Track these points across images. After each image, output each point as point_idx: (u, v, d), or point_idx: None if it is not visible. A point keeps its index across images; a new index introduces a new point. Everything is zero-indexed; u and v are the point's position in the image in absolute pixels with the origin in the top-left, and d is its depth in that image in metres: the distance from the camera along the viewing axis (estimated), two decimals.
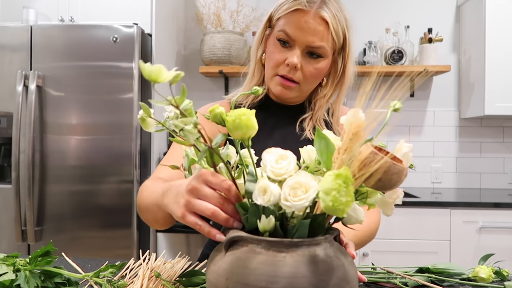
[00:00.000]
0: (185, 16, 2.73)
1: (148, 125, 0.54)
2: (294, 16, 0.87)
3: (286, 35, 0.88)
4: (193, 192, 0.52)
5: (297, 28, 0.86)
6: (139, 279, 0.73)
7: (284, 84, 0.90)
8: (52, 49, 1.96)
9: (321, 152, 0.50)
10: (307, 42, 0.87)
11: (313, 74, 0.90)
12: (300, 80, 0.90)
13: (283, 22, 0.89)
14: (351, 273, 0.49)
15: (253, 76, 0.99)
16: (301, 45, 0.87)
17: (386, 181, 0.46)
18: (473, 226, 2.01)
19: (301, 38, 0.86)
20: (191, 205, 0.52)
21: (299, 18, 0.86)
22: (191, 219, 0.52)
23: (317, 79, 0.93)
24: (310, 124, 0.98)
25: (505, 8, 2.24)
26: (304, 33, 0.86)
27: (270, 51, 0.92)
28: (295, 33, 0.86)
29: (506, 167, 2.56)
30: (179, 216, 0.54)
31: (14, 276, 0.65)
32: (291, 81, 0.90)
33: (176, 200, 0.55)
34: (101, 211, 1.93)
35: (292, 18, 0.87)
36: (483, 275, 0.75)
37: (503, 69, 2.24)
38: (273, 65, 0.91)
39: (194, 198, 0.52)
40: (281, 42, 0.89)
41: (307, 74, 0.90)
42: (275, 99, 1.00)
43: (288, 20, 0.88)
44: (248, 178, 0.51)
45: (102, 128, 1.94)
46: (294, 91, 0.92)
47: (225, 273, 0.47)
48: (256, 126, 0.48)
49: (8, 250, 1.82)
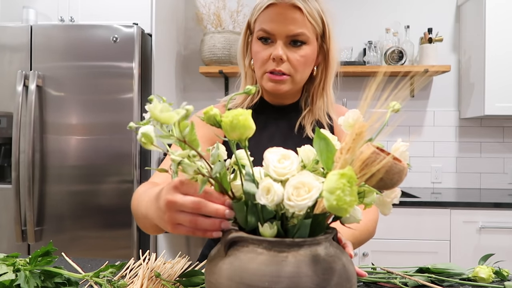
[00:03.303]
0: (185, 16, 2.73)
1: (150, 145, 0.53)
2: (268, 12, 0.89)
3: (264, 32, 0.89)
4: (171, 207, 0.51)
5: (273, 22, 0.88)
6: (139, 279, 0.73)
7: (275, 79, 0.90)
8: (52, 49, 1.96)
9: (321, 152, 0.50)
10: (286, 32, 0.88)
11: (301, 62, 0.90)
12: (289, 71, 0.90)
13: (259, 21, 0.91)
14: (351, 271, 0.49)
15: (245, 82, 1.00)
16: (281, 36, 0.88)
17: (387, 180, 0.46)
18: (473, 226, 2.01)
19: (279, 30, 0.88)
20: (174, 220, 0.51)
21: (273, 12, 0.88)
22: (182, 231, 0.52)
23: (306, 67, 0.93)
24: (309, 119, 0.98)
25: (505, 8, 2.24)
26: (281, 24, 0.87)
27: (254, 52, 0.93)
28: (273, 27, 0.88)
29: (506, 167, 2.56)
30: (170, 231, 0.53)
31: (14, 276, 0.65)
32: (281, 74, 0.90)
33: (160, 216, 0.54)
34: (101, 211, 1.93)
35: (267, 14, 0.89)
36: (483, 275, 0.75)
37: (503, 69, 2.24)
38: (260, 63, 0.92)
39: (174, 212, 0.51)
40: (263, 40, 0.91)
41: (295, 63, 0.90)
42: (270, 100, 1.00)
43: (263, 17, 0.90)
44: (246, 179, 0.50)
45: (102, 128, 1.94)
46: (286, 84, 0.92)
47: (226, 274, 0.47)
48: (254, 126, 0.48)
49: (8, 250, 1.82)
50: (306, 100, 1.01)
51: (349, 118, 0.53)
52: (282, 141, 0.97)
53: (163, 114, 0.45)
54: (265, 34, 0.90)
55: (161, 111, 0.45)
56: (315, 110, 0.98)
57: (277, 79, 0.90)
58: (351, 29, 2.64)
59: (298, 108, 1.00)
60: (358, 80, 2.60)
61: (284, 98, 0.99)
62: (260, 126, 0.92)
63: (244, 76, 1.00)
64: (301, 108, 1.00)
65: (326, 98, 0.98)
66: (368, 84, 0.47)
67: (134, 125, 0.54)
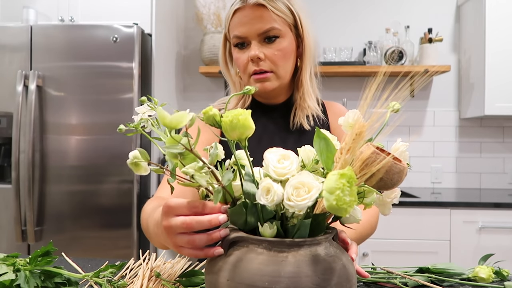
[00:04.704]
0: (185, 16, 2.73)
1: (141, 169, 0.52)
2: (236, 18, 0.92)
3: (237, 37, 0.92)
4: (169, 232, 0.51)
5: (242, 25, 0.90)
6: (139, 279, 0.73)
7: (260, 78, 0.92)
8: (52, 49, 1.96)
9: (321, 151, 0.50)
10: (256, 30, 0.90)
11: (279, 56, 0.91)
12: (270, 67, 0.92)
13: (232, 28, 0.93)
14: (351, 271, 0.49)
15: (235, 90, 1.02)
16: (253, 36, 0.90)
17: (387, 180, 0.46)
18: (473, 226, 2.01)
19: (250, 31, 0.90)
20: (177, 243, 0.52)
21: (240, 17, 0.91)
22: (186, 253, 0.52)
23: (287, 59, 0.93)
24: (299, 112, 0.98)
25: (505, 8, 2.24)
26: (250, 25, 0.90)
27: (235, 60, 0.95)
28: (243, 30, 0.90)
29: (506, 167, 2.56)
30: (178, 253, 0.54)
31: (14, 276, 0.65)
32: (264, 72, 0.92)
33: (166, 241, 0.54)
34: (101, 211, 1.93)
35: (235, 20, 0.92)
36: (483, 275, 0.75)
37: (503, 69, 2.24)
38: (243, 68, 0.93)
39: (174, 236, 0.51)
40: (239, 45, 0.93)
41: (274, 58, 0.91)
42: (263, 100, 1.01)
43: (233, 24, 0.92)
44: (245, 179, 0.50)
45: (102, 128, 1.94)
46: (272, 80, 0.93)
47: (226, 274, 0.47)
48: (253, 126, 0.48)
49: (8, 250, 1.82)
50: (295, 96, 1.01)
51: (349, 118, 0.53)
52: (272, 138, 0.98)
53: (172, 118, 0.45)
54: (239, 40, 0.92)
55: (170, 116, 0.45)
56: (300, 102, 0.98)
57: (261, 78, 0.92)
58: (351, 29, 2.64)
59: (290, 104, 1.01)
60: (358, 80, 2.60)
61: (275, 97, 1.00)
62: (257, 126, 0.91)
63: (233, 85, 1.02)
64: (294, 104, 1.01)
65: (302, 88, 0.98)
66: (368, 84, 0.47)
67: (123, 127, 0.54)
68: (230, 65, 1.02)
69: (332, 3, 2.67)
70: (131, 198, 1.93)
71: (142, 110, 0.55)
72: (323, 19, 2.67)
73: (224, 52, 1.01)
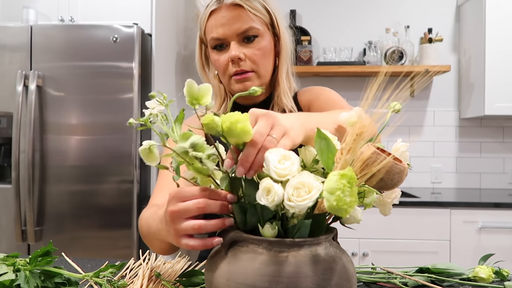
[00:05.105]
0: (185, 16, 2.72)
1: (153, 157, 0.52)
2: (212, 19, 0.90)
3: (215, 39, 0.90)
4: (175, 217, 0.52)
5: (220, 26, 0.89)
6: (139, 279, 0.73)
7: (241, 78, 0.91)
8: (52, 49, 1.96)
9: (322, 151, 0.50)
10: (235, 31, 0.88)
11: (259, 55, 0.91)
12: (251, 67, 0.91)
13: (208, 31, 0.92)
14: (351, 271, 0.49)
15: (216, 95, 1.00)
16: (232, 37, 0.89)
17: (388, 180, 0.46)
18: (473, 226, 2.01)
19: (228, 32, 0.88)
20: (180, 231, 0.52)
21: (217, 18, 0.89)
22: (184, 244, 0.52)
23: (266, 59, 0.93)
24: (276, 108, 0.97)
25: (505, 8, 2.24)
26: (227, 26, 0.88)
27: (214, 62, 0.94)
28: (220, 31, 0.89)
29: (506, 167, 2.56)
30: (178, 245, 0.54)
31: (14, 276, 0.65)
32: (245, 72, 0.91)
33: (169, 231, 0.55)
34: (101, 211, 1.93)
35: (211, 22, 0.90)
36: (483, 275, 0.75)
37: (503, 69, 2.24)
38: (222, 70, 0.92)
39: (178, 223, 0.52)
40: (217, 47, 0.92)
41: (254, 57, 0.90)
42: (243, 101, 1.00)
43: (209, 26, 0.91)
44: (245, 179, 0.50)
45: (102, 128, 1.94)
46: (254, 80, 0.92)
47: (226, 274, 0.47)
48: (252, 132, 0.48)
49: (8, 250, 1.81)
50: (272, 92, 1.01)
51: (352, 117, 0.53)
52: None
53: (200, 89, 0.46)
54: (217, 42, 0.91)
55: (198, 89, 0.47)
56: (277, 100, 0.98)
57: (242, 78, 0.91)
58: (351, 29, 2.64)
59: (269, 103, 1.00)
60: (358, 80, 2.60)
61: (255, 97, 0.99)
62: None
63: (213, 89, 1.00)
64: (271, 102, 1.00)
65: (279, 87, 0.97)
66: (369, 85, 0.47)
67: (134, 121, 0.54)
68: (207, 69, 1.00)
69: (332, 3, 2.67)
70: (131, 198, 1.93)
71: (152, 105, 0.55)
72: (323, 19, 2.66)
73: (201, 56, 0.99)
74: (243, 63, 0.90)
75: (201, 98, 0.47)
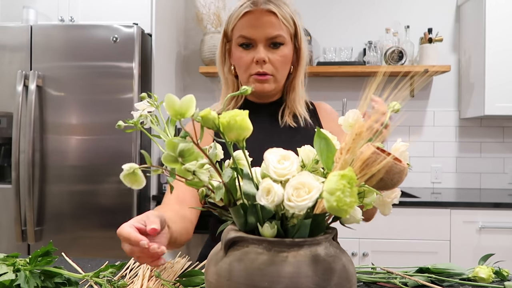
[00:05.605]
0: (185, 16, 2.72)
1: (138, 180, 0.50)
2: (245, 19, 0.96)
3: (245, 38, 0.96)
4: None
5: (252, 27, 0.95)
6: (139, 279, 0.73)
7: (261, 79, 0.97)
8: (52, 49, 1.96)
9: (321, 151, 0.50)
10: (265, 35, 0.95)
11: (281, 61, 0.98)
12: (272, 71, 0.98)
13: (238, 28, 0.97)
14: (351, 271, 0.49)
15: (228, 88, 1.06)
16: (261, 40, 0.96)
17: (388, 180, 0.46)
18: (473, 226, 2.01)
19: (259, 34, 0.95)
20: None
21: (250, 19, 0.95)
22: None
23: (286, 66, 1.00)
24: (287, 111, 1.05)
25: (505, 8, 2.24)
26: (260, 29, 0.95)
27: (237, 58, 0.99)
28: (252, 32, 0.95)
29: (506, 167, 2.56)
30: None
31: (14, 276, 0.65)
32: (265, 74, 0.97)
33: None
34: (101, 211, 1.93)
35: (245, 21, 0.96)
36: (483, 275, 0.75)
37: (503, 69, 2.24)
38: (245, 68, 0.98)
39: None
40: (243, 46, 0.98)
41: (276, 63, 0.97)
42: (255, 99, 1.06)
43: (241, 25, 0.97)
44: (244, 180, 0.50)
45: (102, 128, 1.94)
46: (271, 83, 0.99)
47: (226, 274, 0.47)
48: (251, 127, 0.48)
49: (8, 250, 1.81)
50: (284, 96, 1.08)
51: (349, 118, 0.53)
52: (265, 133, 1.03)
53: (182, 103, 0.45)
54: (245, 40, 0.96)
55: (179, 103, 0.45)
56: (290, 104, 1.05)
57: (262, 79, 0.97)
58: (351, 29, 2.64)
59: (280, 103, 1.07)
60: (358, 80, 2.60)
61: (268, 97, 1.05)
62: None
63: (225, 82, 1.06)
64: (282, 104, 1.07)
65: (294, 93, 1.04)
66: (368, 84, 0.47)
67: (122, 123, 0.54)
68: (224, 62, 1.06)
69: (332, 3, 2.67)
70: (131, 198, 1.93)
71: (142, 107, 0.54)
72: (323, 19, 2.66)
73: (222, 49, 1.04)
74: (265, 66, 0.96)
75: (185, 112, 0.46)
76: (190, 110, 0.45)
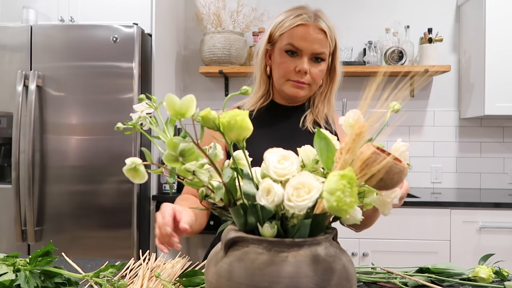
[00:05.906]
0: (185, 16, 2.72)
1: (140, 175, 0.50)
2: (298, 30, 1.02)
3: (293, 46, 1.02)
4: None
5: (303, 40, 1.02)
6: (139, 279, 0.73)
7: (298, 86, 1.05)
8: (52, 49, 1.96)
9: (321, 151, 0.50)
10: (312, 50, 1.02)
11: (319, 75, 1.06)
12: (309, 81, 1.06)
13: (288, 36, 1.03)
14: (351, 271, 0.49)
15: (260, 86, 1.13)
16: (307, 53, 1.03)
17: (388, 180, 0.46)
18: (473, 226, 2.01)
19: (307, 48, 1.02)
20: None
21: (302, 31, 1.02)
22: None
23: (320, 79, 1.09)
24: (310, 117, 1.12)
25: (505, 8, 2.24)
26: (309, 43, 1.02)
27: (279, 62, 1.06)
28: (302, 44, 1.02)
29: (506, 167, 2.56)
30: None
31: (14, 276, 0.65)
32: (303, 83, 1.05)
33: None
34: (101, 211, 1.93)
35: (297, 32, 1.02)
36: (483, 275, 0.75)
37: (503, 69, 2.24)
38: (284, 73, 1.05)
39: None
40: (289, 53, 1.04)
41: (314, 76, 1.05)
42: (283, 102, 1.14)
43: (292, 34, 1.03)
44: (244, 180, 0.50)
45: (102, 128, 1.94)
46: (305, 91, 1.07)
47: (226, 274, 0.47)
48: (251, 127, 0.47)
49: (8, 250, 1.81)
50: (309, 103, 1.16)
51: (349, 118, 0.53)
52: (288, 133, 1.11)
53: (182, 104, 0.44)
54: (293, 49, 1.03)
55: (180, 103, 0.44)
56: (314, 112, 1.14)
57: (299, 85, 1.05)
58: (351, 29, 2.64)
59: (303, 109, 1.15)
60: (358, 80, 2.60)
61: (298, 102, 1.13)
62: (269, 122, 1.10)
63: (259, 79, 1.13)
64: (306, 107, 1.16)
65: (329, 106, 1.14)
66: (368, 84, 0.47)
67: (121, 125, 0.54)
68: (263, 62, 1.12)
69: (332, 3, 2.67)
70: (131, 198, 1.93)
71: (141, 108, 0.54)
72: None
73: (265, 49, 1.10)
74: (305, 77, 1.04)
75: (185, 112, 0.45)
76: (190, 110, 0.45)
